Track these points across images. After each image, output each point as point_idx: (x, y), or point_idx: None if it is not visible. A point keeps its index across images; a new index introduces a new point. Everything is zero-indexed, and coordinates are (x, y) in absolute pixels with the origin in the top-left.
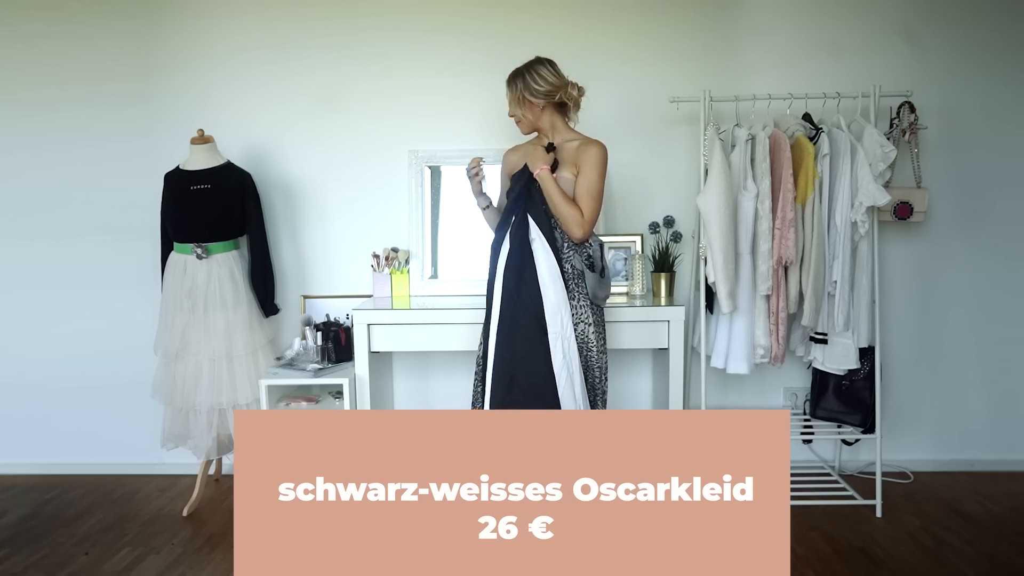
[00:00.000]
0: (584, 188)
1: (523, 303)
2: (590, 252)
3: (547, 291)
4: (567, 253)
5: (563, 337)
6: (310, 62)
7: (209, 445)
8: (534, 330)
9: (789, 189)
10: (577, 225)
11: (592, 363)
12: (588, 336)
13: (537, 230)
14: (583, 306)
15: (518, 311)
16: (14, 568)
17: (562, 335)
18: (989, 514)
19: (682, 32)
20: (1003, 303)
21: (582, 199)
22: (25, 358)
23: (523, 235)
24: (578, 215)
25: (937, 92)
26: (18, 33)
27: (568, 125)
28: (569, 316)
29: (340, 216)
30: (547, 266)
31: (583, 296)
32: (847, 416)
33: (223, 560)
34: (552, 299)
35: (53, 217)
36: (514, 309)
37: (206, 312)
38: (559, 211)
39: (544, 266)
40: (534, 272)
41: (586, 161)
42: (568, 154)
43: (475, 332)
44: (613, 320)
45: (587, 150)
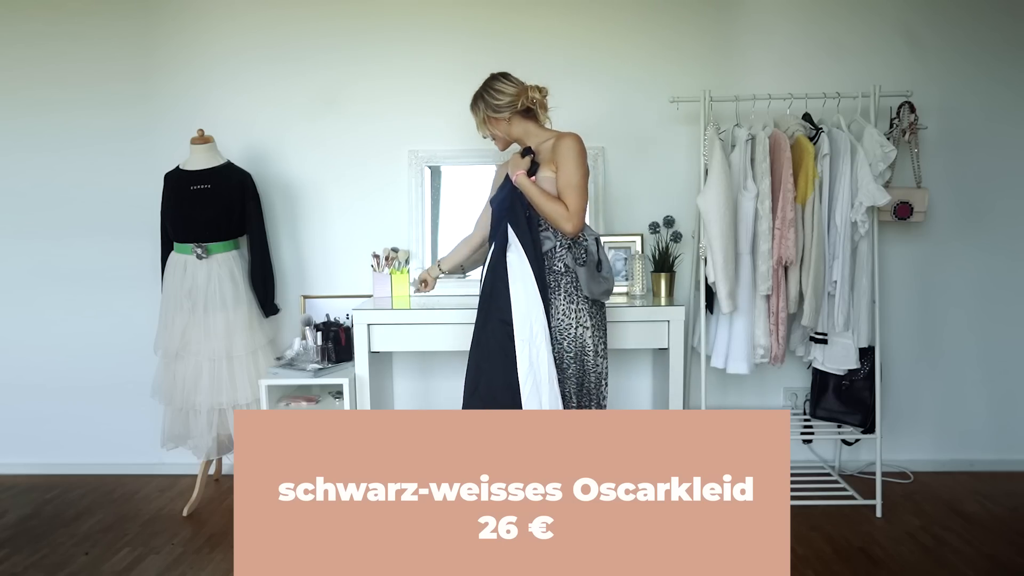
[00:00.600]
0: (565, 181)
1: (492, 311)
2: (586, 247)
3: (517, 298)
4: (559, 252)
5: (531, 345)
6: (310, 62)
7: (209, 445)
8: (501, 336)
9: (789, 189)
10: (564, 220)
11: (588, 367)
12: (584, 340)
13: (515, 238)
14: (580, 309)
15: (488, 318)
16: (14, 568)
17: (530, 342)
18: (989, 514)
19: (682, 32)
20: (1003, 303)
21: (564, 192)
22: (25, 358)
23: (501, 244)
24: (563, 210)
25: (937, 92)
26: (18, 33)
27: (541, 126)
28: (543, 324)
29: (340, 216)
30: (521, 274)
31: (580, 298)
32: (847, 416)
33: (223, 560)
34: (522, 306)
35: (53, 217)
36: (485, 316)
37: (206, 312)
38: (544, 211)
39: (518, 274)
40: (505, 279)
41: (562, 155)
42: (545, 154)
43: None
44: (613, 320)
45: (561, 144)
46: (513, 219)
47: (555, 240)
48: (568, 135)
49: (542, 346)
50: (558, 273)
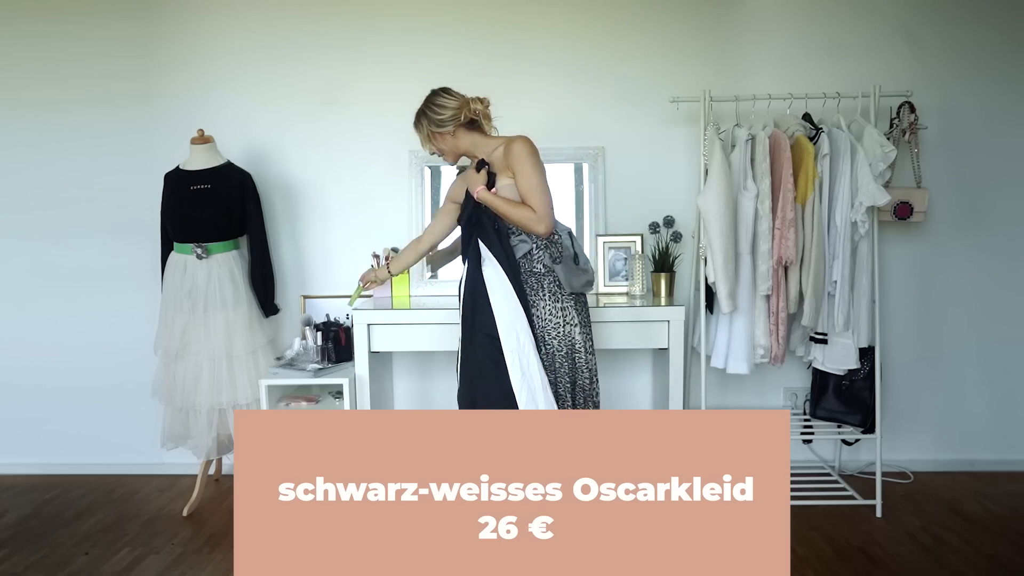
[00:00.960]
0: (525, 185)
1: (477, 326)
2: (560, 243)
3: (500, 311)
4: (537, 254)
5: (520, 355)
6: (310, 62)
7: (209, 445)
8: (490, 351)
9: (789, 189)
10: (535, 222)
11: (580, 364)
12: (574, 337)
13: (487, 252)
14: (566, 307)
15: (474, 334)
16: (14, 568)
17: (519, 352)
18: (989, 514)
19: (682, 32)
20: (1003, 303)
21: (528, 196)
22: (25, 358)
23: (475, 259)
24: (530, 213)
25: (937, 92)
26: (18, 33)
27: (488, 136)
28: (528, 332)
29: (340, 216)
30: (499, 286)
31: (565, 296)
32: (847, 416)
33: (223, 560)
34: (506, 318)
35: (53, 217)
36: (471, 333)
37: (206, 312)
38: (512, 219)
39: (496, 287)
40: (485, 295)
41: (515, 161)
42: (498, 161)
43: None
44: (613, 320)
45: (511, 150)
46: (483, 234)
47: (531, 243)
48: (516, 139)
49: (531, 355)
50: (539, 274)
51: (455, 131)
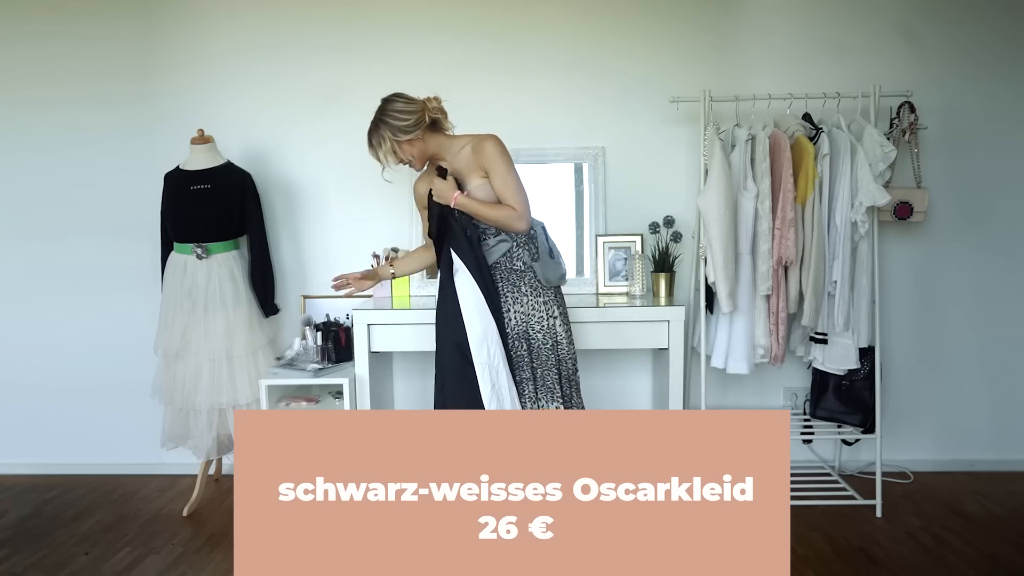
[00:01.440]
0: (501, 184)
1: (448, 337)
2: (535, 239)
3: (471, 322)
4: (517, 252)
5: (490, 367)
6: (310, 62)
7: (209, 445)
8: (460, 364)
9: (789, 189)
10: (516, 220)
11: (563, 355)
12: (556, 330)
13: (459, 260)
14: (548, 301)
15: (445, 346)
16: (14, 568)
17: (489, 364)
18: (989, 514)
19: (682, 32)
20: (1003, 303)
21: (505, 195)
22: (25, 358)
23: (447, 268)
24: (510, 211)
25: (937, 92)
26: (18, 33)
27: (450, 135)
28: (499, 344)
29: (340, 216)
30: (472, 296)
31: (545, 290)
32: (847, 416)
33: (223, 560)
34: (477, 329)
35: (53, 217)
36: (442, 344)
37: (206, 312)
38: (492, 220)
39: (468, 296)
40: (456, 305)
41: (488, 160)
42: (466, 161)
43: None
44: (613, 320)
45: (482, 150)
46: (454, 242)
47: (511, 241)
48: (487, 139)
49: (500, 368)
50: (519, 272)
51: (423, 135)
